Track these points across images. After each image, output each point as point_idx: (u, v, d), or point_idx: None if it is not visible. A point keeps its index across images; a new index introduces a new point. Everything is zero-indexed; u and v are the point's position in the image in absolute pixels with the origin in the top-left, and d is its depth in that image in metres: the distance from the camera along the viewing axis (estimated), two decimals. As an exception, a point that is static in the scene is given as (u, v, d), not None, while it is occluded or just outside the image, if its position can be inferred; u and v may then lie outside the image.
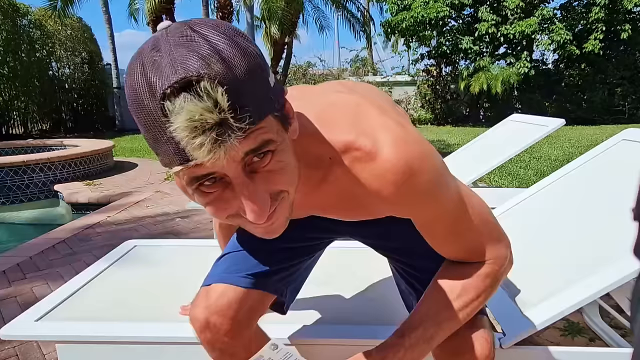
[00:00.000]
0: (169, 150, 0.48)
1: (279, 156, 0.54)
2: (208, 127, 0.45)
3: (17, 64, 11.67)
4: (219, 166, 0.49)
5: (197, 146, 0.45)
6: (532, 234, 1.49)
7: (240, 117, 0.46)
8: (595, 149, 1.63)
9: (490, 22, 13.32)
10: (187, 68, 0.45)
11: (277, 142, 0.53)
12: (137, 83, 0.48)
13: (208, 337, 0.86)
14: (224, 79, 0.46)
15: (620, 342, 1.55)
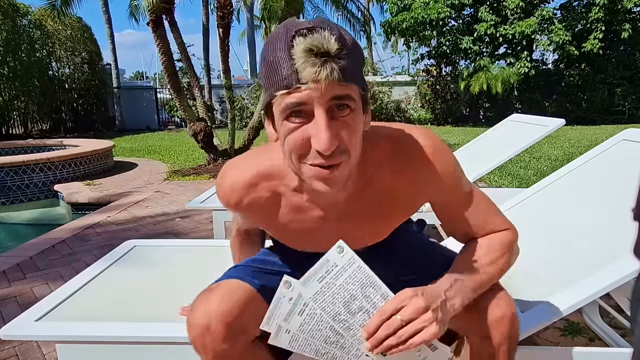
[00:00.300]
0: (282, 77, 0.65)
1: (353, 116, 0.68)
2: (320, 53, 0.62)
3: (17, 64, 11.67)
4: (312, 97, 0.64)
5: (309, 64, 0.62)
6: (532, 234, 1.49)
7: (342, 68, 0.63)
8: (595, 149, 1.63)
9: (490, 22, 13.32)
10: (317, 23, 0.65)
11: (356, 106, 0.68)
12: (274, 34, 0.68)
13: (206, 342, 0.82)
14: (340, 41, 0.64)
15: (620, 342, 1.55)
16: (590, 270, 1.10)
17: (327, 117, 0.65)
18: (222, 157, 6.33)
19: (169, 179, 5.59)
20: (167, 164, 6.97)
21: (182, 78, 10.50)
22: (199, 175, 5.70)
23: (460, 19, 14.75)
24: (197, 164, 6.60)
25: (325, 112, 0.65)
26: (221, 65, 6.43)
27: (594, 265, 1.11)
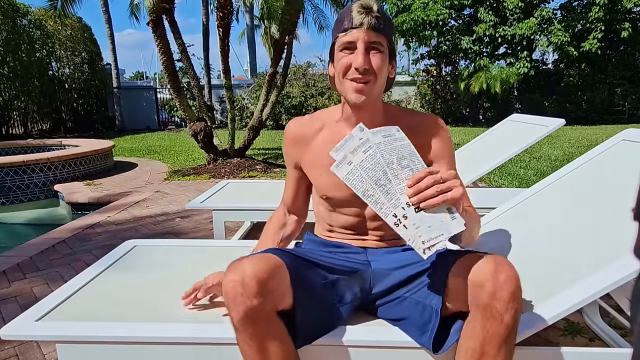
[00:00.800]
0: (342, 24, 1.05)
1: (382, 56, 1.06)
2: (366, 8, 1.03)
3: (17, 64, 11.66)
4: (357, 36, 1.03)
5: (357, 15, 1.03)
6: (532, 234, 1.49)
7: (379, 22, 1.04)
8: (595, 149, 1.63)
9: (489, 22, 13.32)
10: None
11: (384, 50, 1.06)
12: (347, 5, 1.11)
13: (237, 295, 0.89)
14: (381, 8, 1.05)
15: (620, 342, 1.55)
16: (590, 270, 1.10)
17: (364, 50, 1.03)
18: (222, 157, 6.33)
19: (169, 179, 5.59)
20: (167, 164, 6.97)
21: (182, 78, 10.51)
22: (199, 175, 5.70)
23: (460, 19, 14.75)
24: (197, 164, 6.60)
25: (364, 47, 1.03)
26: (221, 65, 6.43)
27: (594, 265, 1.11)
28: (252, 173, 5.77)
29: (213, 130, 6.33)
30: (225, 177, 5.57)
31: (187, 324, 1.13)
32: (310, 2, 11.47)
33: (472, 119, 15.35)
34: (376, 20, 1.02)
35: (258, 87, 13.55)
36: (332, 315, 1.08)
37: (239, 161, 6.22)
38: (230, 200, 2.74)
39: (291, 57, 7.06)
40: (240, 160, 6.28)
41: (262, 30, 10.21)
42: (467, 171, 2.58)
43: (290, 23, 6.26)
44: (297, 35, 11.61)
